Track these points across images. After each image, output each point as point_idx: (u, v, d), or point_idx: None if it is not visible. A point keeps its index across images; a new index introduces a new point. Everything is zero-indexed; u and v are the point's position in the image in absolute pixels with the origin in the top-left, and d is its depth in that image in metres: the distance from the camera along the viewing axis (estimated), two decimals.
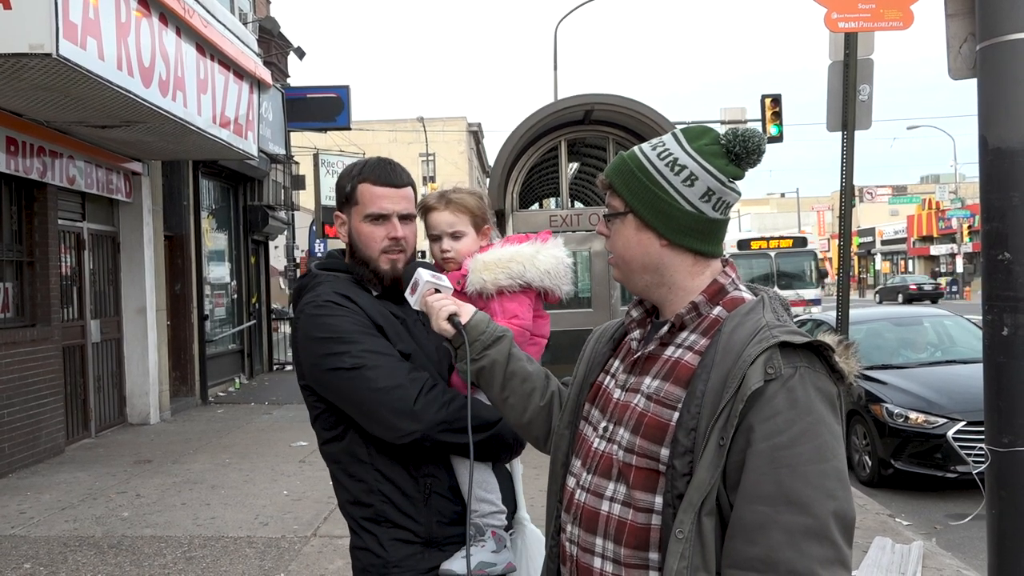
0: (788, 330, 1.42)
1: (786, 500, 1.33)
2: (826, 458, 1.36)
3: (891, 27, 4.96)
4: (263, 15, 15.89)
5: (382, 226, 2.13)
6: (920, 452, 7.24)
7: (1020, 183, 3.02)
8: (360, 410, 2.02)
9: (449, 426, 1.98)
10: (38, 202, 8.67)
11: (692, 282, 1.55)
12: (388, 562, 2.07)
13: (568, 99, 9.60)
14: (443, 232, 2.23)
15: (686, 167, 1.52)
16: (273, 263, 19.67)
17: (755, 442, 1.36)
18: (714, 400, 1.40)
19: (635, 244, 1.56)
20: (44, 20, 5.77)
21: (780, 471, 1.34)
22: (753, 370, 1.37)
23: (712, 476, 1.37)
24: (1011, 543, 3.10)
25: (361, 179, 2.15)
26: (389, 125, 45.81)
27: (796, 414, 1.36)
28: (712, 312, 1.53)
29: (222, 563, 5.42)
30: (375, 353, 2.01)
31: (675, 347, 1.53)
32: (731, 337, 1.45)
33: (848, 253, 7.16)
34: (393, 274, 2.15)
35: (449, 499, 2.09)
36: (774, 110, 20.69)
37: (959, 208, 46.42)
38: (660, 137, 1.60)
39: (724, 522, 1.39)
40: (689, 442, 1.40)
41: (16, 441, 8.03)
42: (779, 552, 1.32)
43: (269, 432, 10.04)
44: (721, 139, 1.54)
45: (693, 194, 1.51)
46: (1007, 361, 3.07)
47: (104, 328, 10.26)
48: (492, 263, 2.12)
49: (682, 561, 1.37)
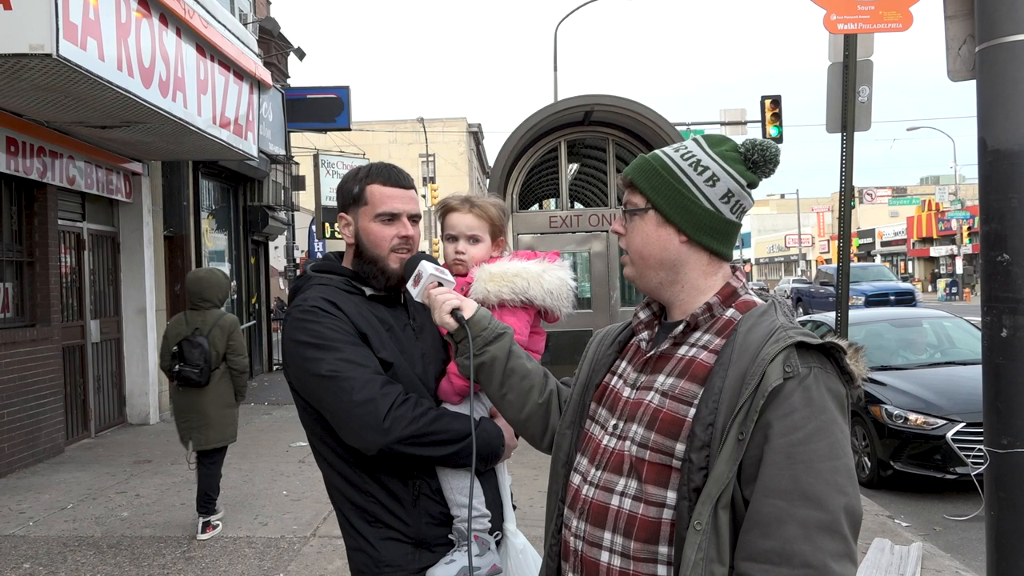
0: (802, 332, 1.47)
1: (802, 495, 1.37)
2: (838, 455, 1.40)
3: (890, 29, 4.97)
4: (263, 16, 15.89)
5: (393, 226, 2.16)
6: (919, 453, 7.24)
7: (1019, 184, 3.02)
8: (333, 417, 2.05)
9: (416, 440, 2.00)
10: (38, 202, 8.67)
11: (704, 282, 1.60)
12: (381, 562, 2.09)
13: (568, 100, 9.60)
14: (461, 234, 2.26)
15: (708, 168, 1.58)
16: (273, 264, 19.67)
17: (772, 438, 1.40)
18: (732, 396, 1.44)
19: (654, 240, 1.60)
20: (44, 20, 5.78)
21: (796, 467, 1.38)
22: (773, 368, 1.42)
23: (731, 470, 1.41)
24: (1010, 544, 3.11)
25: (369, 181, 2.18)
26: (389, 126, 45.82)
27: (811, 412, 1.41)
28: (725, 314, 1.57)
29: (221, 563, 5.42)
30: (352, 363, 2.02)
31: (689, 346, 1.56)
32: (747, 337, 1.49)
33: (847, 254, 7.16)
34: (401, 273, 2.17)
35: (437, 501, 2.12)
36: (774, 111, 20.70)
37: (959, 209, 46.37)
38: (682, 142, 1.67)
39: (736, 516, 1.43)
40: (706, 437, 1.44)
41: (16, 441, 8.03)
42: (794, 545, 1.36)
43: (268, 432, 10.04)
44: (740, 147, 1.61)
45: (714, 194, 1.57)
46: (1006, 363, 3.07)
47: (104, 328, 10.26)
48: (498, 275, 2.14)
49: (699, 552, 1.40)
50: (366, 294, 2.18)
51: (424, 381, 2.14)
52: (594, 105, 9.37)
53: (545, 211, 13.40)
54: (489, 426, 2.13)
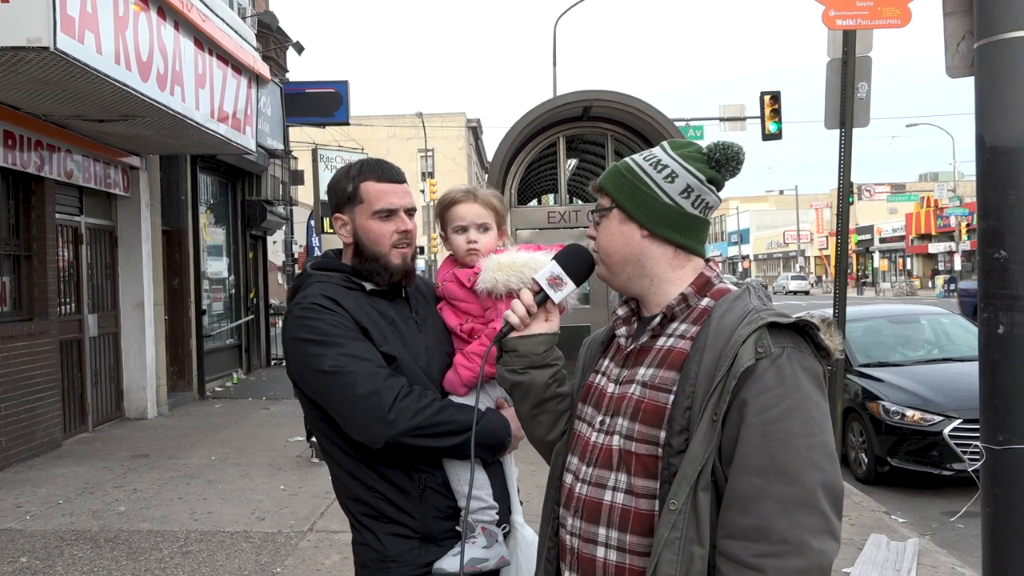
0: (774, 313, 1.51)
1: (777, 471, 1.40)
2: (814, 432, 1.43)
3: (889, 24, 4.97)
4: (262, 9, 15.86)
5: (391, 221, 2.17)
6: (916, 450, 7.25)
7: (1016, 181, 3.02)
8: (337, 413, 2.06)
9: (422, 432, 2.01)
10: (35, 196, 8.66)
11: (672, 274, 1.63)
12: (387, 557, 2.10)
13: (567, 95, 9.59)
14: (471, 223, 2.26)
15: (668, 166, 1.64)
16: (271, 258, 19.66)
17: (748, 416, 1.43)
18: (707, 379, 1.47)
19: (618, 236, 1.65)
20: (42, 13, 5.76)
21: (771, 444, 1.41)
22: (745, 349, 1.45)
23: (706, 450, 1.43)
24: (1006, 540, 3.11)
25: (363, 179, 2.19)
26: (388, 120, 45.77)
27: (785, 390, 1.43)
28: (701, 303, 1.61)
29: (218, 558, 5.42)
30: (354, 358, 2.03)
31: (667, 337, 1.60)
32: (721, 321, 1.52)
33: (845, 251, 7.18)
34: (404, 268, 2.19)
35: (443, 494, 2.12)
36: (773, 107, 20.66)
37: (957, 206, 46.36)
38: (649, 149, 1.72)
39: (719, 497, 1.45)
40: (684, 420, 1.47)
41: (13, 435, 8.03)
42: (771, 521, 1.38)
43: (266, 427, 10.04)
44: (704, 148, 1.66)
45: (673, 189, 1.62)
46: (1003, 359, 3.07)
47: (102, 322, 10.26)
48: (506, 265, 2.15)
49: (674, 531, 1.42)
50: (366, 289, 2.18)
51: (428, 374, 2.14)
52: (593, 100, 9.36)
53: (544, 207, 13.38)
54: (495, 417, 2.13)
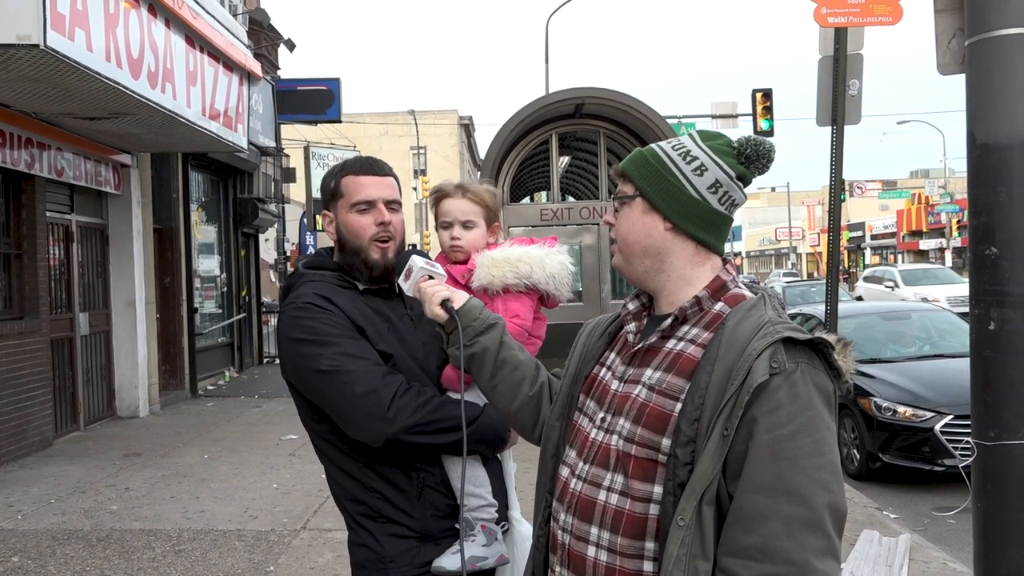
0: (790, 327, 1.46)
1: (785, 491, 1.37)
2: (823, 452, 1.40)
3: (880, 22, 4.98)
4: (253, 7, 15.81)
5: (369, 214, 2.16)
6: (908, 446, 7.28)
7: (1007, 178, 3.03)
8: (336, 412, 2.05)
9: (422, 429, 2.00)
10: (26, 194, 8.61)
11: (691, 272, 1.59)
12: (385, 557, 2.08)
13: (559, 93, 9.60)
14: (455, 219, 2.25)
15: (697, 158, 1.58)
16: (263, 256, 19.61)
17: (758, 434, 1.39)
18: (718, 391, 1.43)
19: (640, 226, 1.60)
20: (32, 11, 5.73)
21: (781, 463, 1.38)
22: (759, 363, 1.41)
23: (715, 465, 1.41)
24: (996, 535, 3.13)
25: (344, 173, 2.20)
26: (380, 118, 45.63)
27: (797, 408, 1.40)
28: (714, 307, 1.56)
29: (211, 556, 5.41)
30: (351, 356, 2.02)
31: (677, 340, 1.56)
32: (735, 331, 1.48)
33: (837, 248, 7.20)
34: (384, 264, 2.16)
35: (442, 493, 2.11)
36: (765, 104, 20.69)
37: (948, 203, 46.52)
38: (677, 137, 1.67)
39: (721, 511, 1.42)
40: (692, 432, 1.44)
41: (4, 434, 7.99)
42: (776, 542, 1.36)
43: (259, 425, 10.02)
44: (735, 142, 1.61)
45: (701, 183, 1.57)
46: (994, 355, 3.09)
47: (93, 321, 10.22)
48: (501, 260, 2.14)
49: (681, 548, 1.40)
50: (360, 288, 2.18)
51: (426, 370, 2.14)
52: (585, 98, 9.37)
53: (536, 204, 13.39)
54: (495, 412, 2.12)
